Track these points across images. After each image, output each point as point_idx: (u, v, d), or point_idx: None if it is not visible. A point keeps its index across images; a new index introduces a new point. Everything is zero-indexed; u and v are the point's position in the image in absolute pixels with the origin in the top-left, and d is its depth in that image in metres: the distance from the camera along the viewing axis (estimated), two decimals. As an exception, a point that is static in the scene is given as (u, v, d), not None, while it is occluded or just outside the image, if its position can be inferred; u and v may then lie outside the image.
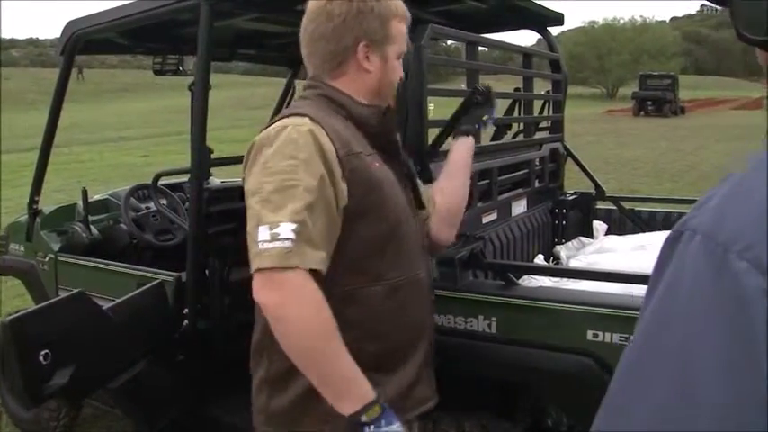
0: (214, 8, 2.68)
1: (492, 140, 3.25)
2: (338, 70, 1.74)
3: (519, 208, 3.20)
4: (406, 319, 1.76)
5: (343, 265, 1.61)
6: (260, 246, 1.44)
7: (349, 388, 1.49)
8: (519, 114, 3.44)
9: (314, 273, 1.47)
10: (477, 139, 2.54)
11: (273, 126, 1.62)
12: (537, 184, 3.42)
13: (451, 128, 2.25)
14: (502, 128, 3.46)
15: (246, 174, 1.63)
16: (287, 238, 1.43)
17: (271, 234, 1.43)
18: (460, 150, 2.15)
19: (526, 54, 3.41)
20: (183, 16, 3.03)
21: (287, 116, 1.65)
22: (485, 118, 2.27)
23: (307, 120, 1.60)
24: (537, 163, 3.42)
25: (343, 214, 1.60)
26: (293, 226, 1.44)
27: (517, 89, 3.39)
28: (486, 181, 2.86)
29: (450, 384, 2.66)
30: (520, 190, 3.23)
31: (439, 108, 2.60)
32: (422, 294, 1.83)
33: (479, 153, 2.74)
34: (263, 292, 1.46)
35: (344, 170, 1.60)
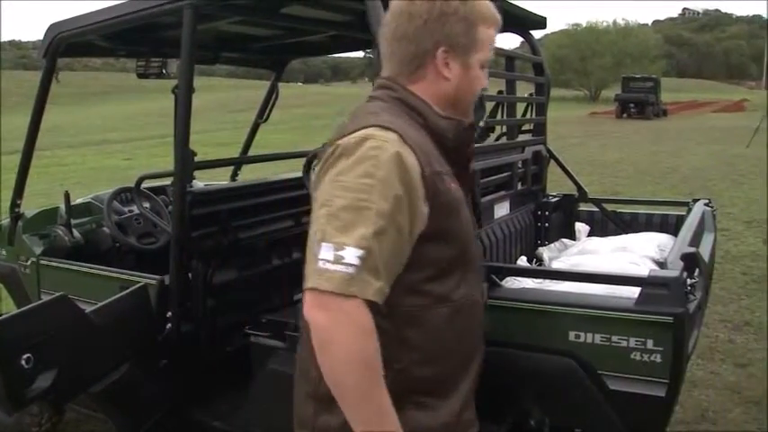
0: (197, 11, 2.68)
1: (475, 143, 3.26)
2: (416, 74, 1.64)
3: (502, 210, 3.21)
4: (464, 342, 1.68)
5: (408, 286, 1.53)
6: (321, 264, 1.37)
7: (381, 423, 1.43)
8: (502, 117, 3.45)
9: (370, 303, 1.40)
10: None
11: (355, 135, 1.49)
12: (520, 187, 3.44)
13: None
14: (485, 131, 3.47)
15: (319, 178, 1.52)
16: (351, 264, 1.36)
17: (335, 255, 1.37)
18: None
19: (509, 57, 3.43)
20: (166, 19, 3.03)
21: (370, 125, 1.51)
22: (480, 123, 2.28)
23: (392, 135, 1.48)
24: (520, 165, 3.44)
25: (417, 238, 1.52)
26: (359, 252, 1.37)
27: (500, 92, 3.41)
28: None
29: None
30: (503, 192, 3.25)
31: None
32: (478, 317, 1.74)
33: None
34: (314, 311, 1.39)
35: (428, 191, 1.51)
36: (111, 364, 2.72)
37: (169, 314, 2.92)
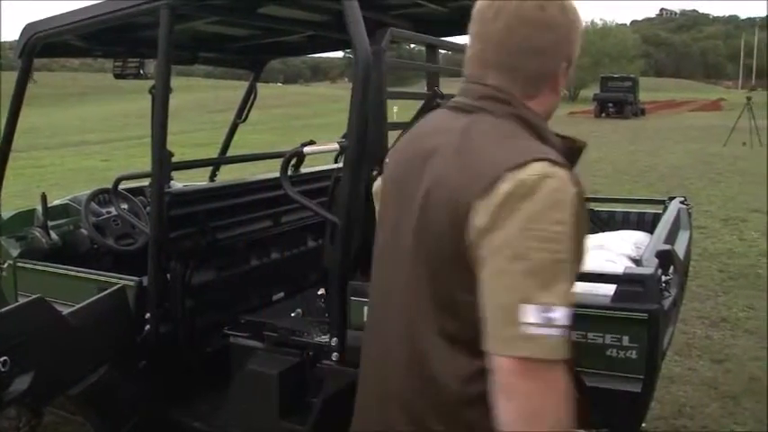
0: (174, 11, 2.67)
1: None
2: (535, 88, 1.46)
3: None
4: None
5: None
6: (527, 329, 1.22)
7: None
8: None
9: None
10: None
11: (529, 172, 1.29)
12: None
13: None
14: None
15: (496, 221, 1.29)
16: (562, 326, 1.23)
17: (544, 318, 1.22)
18: None
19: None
20: (143, 19, 3.02)
21: (537, 158, 1.32)
22: None
23: (564, 172, 1.32)
24: None
25: None
26: (568, 311, 1.23)
27: None
28: None
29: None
30: None
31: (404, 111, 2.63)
32: None
33: None
34: (522, 381, 1.23)
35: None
36: (89, 366, 2.70)
37: (148, 315, 2.91)
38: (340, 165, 2.64)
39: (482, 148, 1.37)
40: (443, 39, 3.05)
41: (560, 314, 1.22)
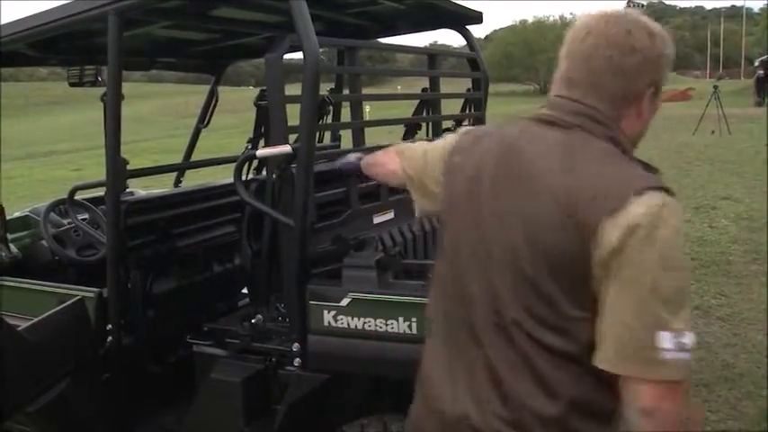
0: (122, 17, 2.62)
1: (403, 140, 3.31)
2: (621, 110, 1.50)
3: None
4: None
5: None
6: (665, 354, 1.32)
7: None
8: (427, 115, 3.46)
9: None
10: None
11: (656, 200, 1.37)
12: None
13: None
14: (411, 128, 3.49)
15: (630, 245, 1.34)
16: (690, 350, 1.33)
17: (676, 343, 1.32)
18: None
19: (430, 55, 3.44)
20: (92, 26, 2.95)
21: (654, 187, 1.39)
22: None
23: (676, 201, 1.40)
24: None
25: None
26: (692, 335, 1.34)
27: (425, 89, 3.41)
28: (374, 182, 2.86)
29: (375, 388, 2.67)
30: None
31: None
32: None
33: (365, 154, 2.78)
34: (666, 403, 1.34)
35: None
36: (47, 381, 2.64)
37: (109, 327, 2.85)
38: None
39: (596, 167, 1.42)
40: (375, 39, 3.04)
41: (688, 339, 1.32)
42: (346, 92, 3.51)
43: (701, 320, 5.39)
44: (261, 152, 2.35)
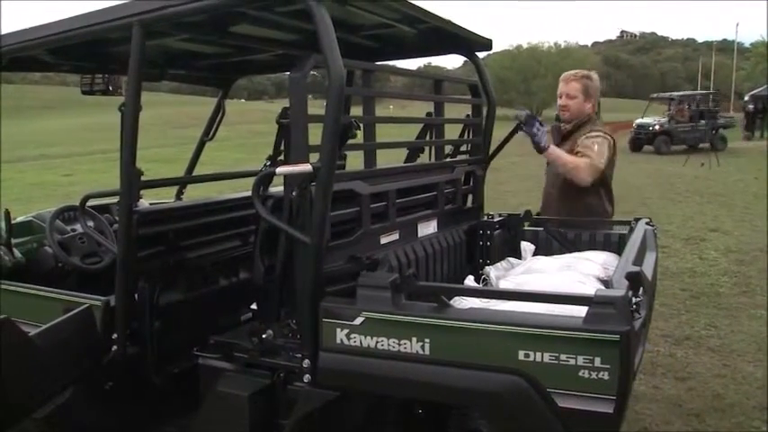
0: (146, 28, 2.65)
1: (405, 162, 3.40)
2: None
3: (427, 229, 3.28)
4: None
5: None
6: None
7: None
8: (430, 138, 3.51)
9: None
10: None
11: None
12: (450, 206, 3.52)
13: None
14: (414, 152, 3.55)
15: None
16: None
17: None
18: None
19: (437, 81, 3.50)
20: (113, 35, 2.98)
21: None
22: None
23: None
24: (448, 185, 3.51)
25: None
26: None
27: (429, 114, 3.47)
28: (383, 203, 2.92)
29: (381, 408, 2.69)
30: (428, 211, 3.31)
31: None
32: None
33: (375, 176, 2.85)
34: None
35: None
36: (54, 388, 2.65)
37: (115, 336, 2.86)
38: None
39: None
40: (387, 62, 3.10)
41: None
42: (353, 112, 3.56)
43: (692, 351, 5.44)
44: (281, 170, 2.37)
